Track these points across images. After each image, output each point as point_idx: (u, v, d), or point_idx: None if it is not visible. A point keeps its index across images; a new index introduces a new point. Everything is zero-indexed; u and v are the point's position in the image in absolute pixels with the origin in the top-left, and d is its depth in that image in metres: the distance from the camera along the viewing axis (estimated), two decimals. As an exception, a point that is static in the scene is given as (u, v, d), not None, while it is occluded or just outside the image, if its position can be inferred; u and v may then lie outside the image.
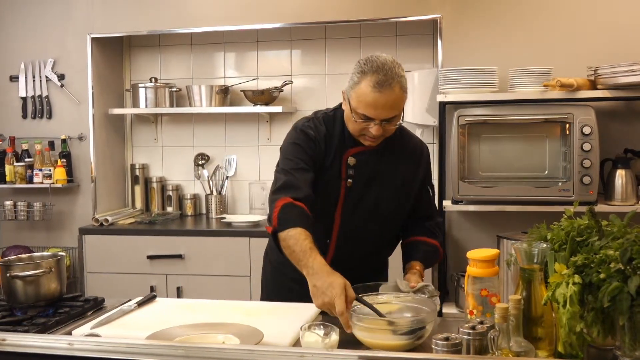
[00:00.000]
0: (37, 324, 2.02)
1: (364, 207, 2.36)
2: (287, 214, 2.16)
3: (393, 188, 2.38)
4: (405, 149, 2.42)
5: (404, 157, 2.41)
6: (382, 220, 2.40)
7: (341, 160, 2.34)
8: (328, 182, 2.33)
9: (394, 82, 2.17)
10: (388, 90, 2.16)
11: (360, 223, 2.37)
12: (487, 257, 1.85)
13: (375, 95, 2.16)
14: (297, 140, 2.34)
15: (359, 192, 2.35)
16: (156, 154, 4.80)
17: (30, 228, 4.66)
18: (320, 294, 1.97)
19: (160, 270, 4.07)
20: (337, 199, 2.35)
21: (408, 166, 2.41)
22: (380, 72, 2.17)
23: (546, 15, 3.80)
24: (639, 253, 1.51)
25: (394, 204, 2.40)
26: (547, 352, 1.65)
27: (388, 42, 4.38)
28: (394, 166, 2.38)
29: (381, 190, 2.37)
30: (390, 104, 2.18)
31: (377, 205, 2.37)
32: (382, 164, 2.37)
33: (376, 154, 2.35)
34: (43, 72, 4.53)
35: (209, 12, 4.22)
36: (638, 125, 3.78)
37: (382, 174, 2.37)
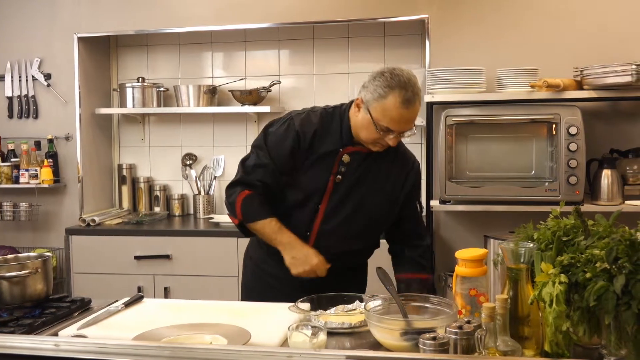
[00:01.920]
0: (23, 325, 2.01)
1: (348, 205, 2.42)
2: (249, 207, 2.42)
3: (380, 193, 2.44)
4: (398, 159, 2.49)
5: (396, 165, 2.48)
6: (363, 221, 2.44)
7: (335, 156, 2.40)
8: (317, 174, 2.40)
9: (417, 98, 2.31)
10: (413, 106, 2.30)
11: (341, 221, 2.42)
12: (475, 257, 1.86)
13: (402, 111, 2.27)
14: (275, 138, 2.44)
15: (346, 190, 2.41)
16: (143, 154, 4.78)
17: (17, 228, 4.63)
18: (300, 263, 2.35)
19: (147, 271, 4.06)
20: (324, 193, 2.41)
21: (398, 175, 2.48)
22: (407, 88, 2.29)
23: (533, 16, 3.82)
24: (624, 252, 1.52)
25: (378, 209, 2.46)
26: (534, 351, 1.66)
27: (376, 42, 4.39)
28: (385, 172, 2.45)
29: (367, 193, 2.42)
30: (413, 118, 2.34)
31: (361, 206, 2.43)
32: (373, 168, 2.43)
33: (370, 157, 2.42)
34: (29, 71, 4.50)
35: (197, 11, 4.21)
36: (624, 126, 3.81)
37: (371, 177, 2.43)
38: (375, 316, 1.86)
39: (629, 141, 3.74)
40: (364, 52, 4.41)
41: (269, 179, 2.43)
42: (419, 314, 1.95)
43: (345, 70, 4.45)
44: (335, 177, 2.40)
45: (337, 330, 1.96)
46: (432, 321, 1.81)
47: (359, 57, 4.43)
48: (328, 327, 1.92)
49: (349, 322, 1.98)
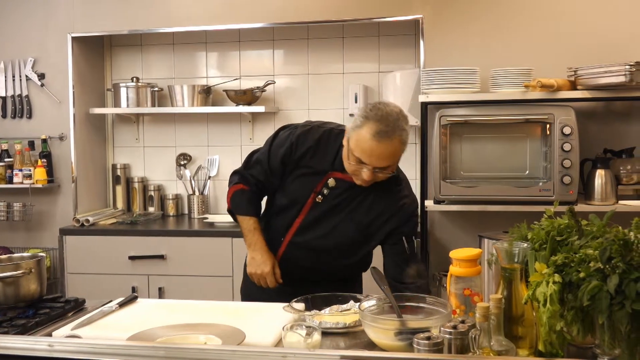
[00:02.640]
0: (17, 326, 2.01)
1: (321, 226, 2.45)
2: (238, 200, 2.56)
3: (356, 224, 2.42)
4: (389, 197, 2.42)
5: (381, 203, 2.42)
6: (331, 246, 2.45)
7: (323, 177, 2.42)
8: (301, 188, 2.44)
9: (395, 135, 2.20)
10: (387, 141, 2.20)
11: (311, 239, 2.46)
12: (469, 257, 1.86)
13: (372, 144, 2.20)
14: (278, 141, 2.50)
15: (323, 212, 2.43)
16: (138, 154, 4.77)
17: (10, 228, 4.62)
18: (255, 265, 2.48)
19: (141, 271, 4.05)
20: (303, 207, 2.45)
21: (381, 213, 2.42)
22: (383, 122, 2.20)
23: (527, 17, 3.83)
24: (618, 252, 1.52)
25: (349, 240, 2.45)
26: (528, 351, 1.67)
27: (370, 42, 4.39)
28: (367, 206, 2.42)
29: (342, 221, 2.43)
30: (386, 154, 2.23)
31: (332, 231, 2.44)
32: (356, 199, 2.41)
33: (355, 188, 2.39)
34: (23, 71, 4.49)
35: (191, 11, 4.21)
36: (617, 126, 3.82)
37: (351, 207, 2.42)
38: (370, 316, 1.86)
39: (622, 141, 3.75)
40: (359, 52, 4.42)
41: (263, 177, 2.52)
42: (413, 314, 1.95)
43: (339, 70, 4.45)
44: (316, 196, 2.42)
45: (332, 330, 1.97)
46: (427, 321, 1.81)
47: (354, 57, 4.43)
48: (322, 327, 1.92)
49: (344, 322, 1.98)
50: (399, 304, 1.95)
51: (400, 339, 1.76)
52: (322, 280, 2.43)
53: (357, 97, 4.34)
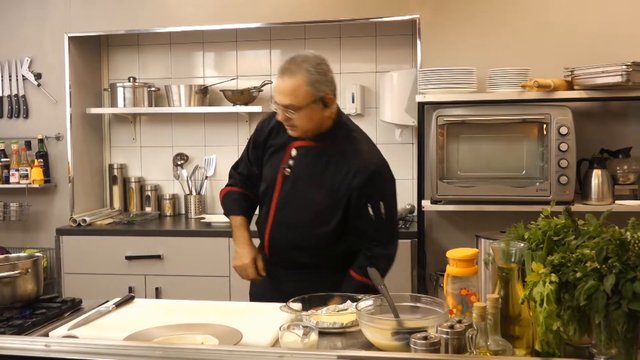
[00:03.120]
0: (14, 326, 2.01)
1: (296, 198, 2.52)
2: (226, 202, 2.73)
3: (324, 190, 2.48)
4: (347, 156, 2.47)
5: (345, 164, 2.46)
6: (308, 215, 2.50)
7: (286, 150, 2.54)
8: (271, 167, 2.58)
9: (297, 73, 2.35)
10: (288, 76, 2.36)
11: (289, 213, 2.53)
12: (466, 257, 1.87)
13: (278, 81, 2.40)
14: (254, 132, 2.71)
15: (293, 183, 2.52)
16: (135, 154, 4.77)
17: (7, 229, 4.61)
18: (237, 258, 2.62)
19: (138, 271, 4.05)
20: (275, 185, 2.55)
21: (345, 174, 2.45)
22: (289, 61, 2.39)
23: (524, 17, 3.83)
24: (614, 252, 1.53)
25: (323, 205, 2.49)
26: (525, 351, 1.67)
27: (367, 42, 4.40)
28: (331, 169, 2.47)
29: (312, 187, 2.49)
30: (287, 91, 2.36)
31: (306, 200, 2.50)
32: (320, 163, 2.49)
33: (318, 153, 2.49)
34: (19, 71, 4.48)
35: (188, 11, 4.20)
36: (614, 126, 3.82)
37: (317, 173, 2.49)
38: (367, 316, 1.86)
39: (619, 141, 3.76)
40: (356, 52, 4.42)
41: (246, 171, 2.71)
42: (410, 314, 1.95)
43: (336, 70, 4.42)
44: (284, 171, 2.52)
45: (329, 330, 1.97)
46: (424, 321, 1.81)
47: (351, 57, 4.43)
48: (319, 327, 1.92)
49: (341, 322, 1.99)
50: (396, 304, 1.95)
51: (397, 339, 1.76)
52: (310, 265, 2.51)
53: (354, 97, 4.34)
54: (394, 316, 1.90)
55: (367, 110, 4.42)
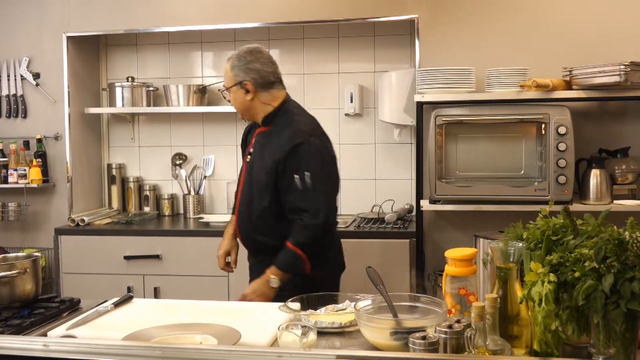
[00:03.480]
0: (12, 326, 2.00)
1: (250, 181, 2.79)
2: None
3: (260, 167, 2.74)
4: (281, 135, 2.73)
5: (277, 141, 2.72)
6: (252, 194, 2.77)
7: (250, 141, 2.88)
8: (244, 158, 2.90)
9: (228, 60, 2.81)
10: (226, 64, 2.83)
11: (244, 196, 2.82)
12: (465, 256, 1.87)
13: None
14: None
15: (249, 168, 2.81)
16: (133, 154, 4.77)
17: (5, 228, 4.61)
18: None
19: (137, 271, 4.05)
20: (241, 175, 2.88)
21: (277, 148, 2.69)
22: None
23: (523, 16, 3.83)
24: (612, 252, 1.53)
25: (261, 182, 2.73)
26: (523, 350, 1.67)
27: (366, 42, 4.40)
28: (271, 148, 2.73)
29: (257, 166, 2.76)
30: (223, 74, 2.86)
31: (252, 178, 2.78)
32: (267, 145, 2.76)
33: (266, 135, 2.79)
34: (18, 70, 4.48)
35: (187, 11, 4.20)
36: (612, 126, 3.82)
37: (263, 153, 2.76)
38: (365, 316, 1.86)
39: (617, 141, 3.76)
40: (354, 51, 4.42)
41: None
42: (408, 314, 1.95)
43: (335, 70, 4.45)
44: (246, 158, 2.85)
45: (327, 330, 1.97)
46: (422, 320, 1.81)
47: (349, 56, 4.43)
48: (318, 327, 1.92)
49: (339, 322, 1.99)
50: (394, 304, 1.95)
51: (395, 339, 1.76)
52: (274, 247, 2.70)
53: (352, 97, 4.34)
54: (393, 316, 1.90)
55: (365, 110, 4.42)
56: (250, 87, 2.76)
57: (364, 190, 4.43)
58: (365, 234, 3.85)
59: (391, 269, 3.70)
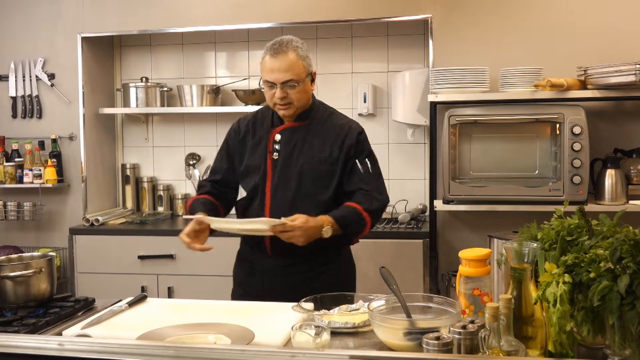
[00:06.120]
0: (27, 325, 2.02)
1: (290, 177, 2.60)
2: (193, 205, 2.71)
3: (317, 159, 2.60)
4: (332, 126, 2.65)
5: (330, 133, 2.63)
6: (308, 189, 2.59)
7: (268, 138, 2.65)
8: (256, 159, 2.65)
9: (289, 49, 2.54)
10: (282, 55, 2.53)
11: (287, 192, 2.60)
12: (479, 257, 1.86)
13: (271, 61, 2.55)
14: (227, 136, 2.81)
15: (285, 163, 2.61)
16: (147, 154, 4.78)
17: (20, 228, 4.64)
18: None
19: (151, 271, 4.06)
20: (266, 173, 2.62)
21: (334, 140, 2.61)
22: (276, 43, 2.57)
23: (537, 16, 3.81)
24: (628, 252, 1.52)
25: (318, 174, 2.60)
26: (538, 351, 1.66)
27: (379, 42, 4.39)
28: (319, 140, 2.62)
29: (305, 162, 2.60)
30: (285, 67, 2.53)
31: (301, 175, 2.59)
32: (307, 139, 2.63)
33: (301, 129, 2.64)
34: (33, 71, 4.51)
35: (200, 11, 4.21)
36: (627, 125, 3.80)
37: (306, 147, 2.62)
38: (379, 316, 1.86)
39: (633, 141, 3.74)
40: (367, 51, 4.41)
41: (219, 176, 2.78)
42: (422, 314, 1.95)
43: (348, 70, 4.45)
44: (272, 156, 2.63)
45: (341, 330, 1.96)
46: (436, 321, 1.81)
47: (362, 56, 4.43)
48: (331, 327, 1.92)
49: (353, 322, 1.98)
50: (408, 304, 1.95)
51: (409, 339, 1.76)
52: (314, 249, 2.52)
53: (366, 97, 4.34)
54: (406, 316, 1.90)
55: (379, 110, 4.42)
56: (315, 74, 2.69)
57: (377, 191, 4.42)
58: (379, 234, 3.85)
59: (405, 269, 3.69)
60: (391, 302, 1.98)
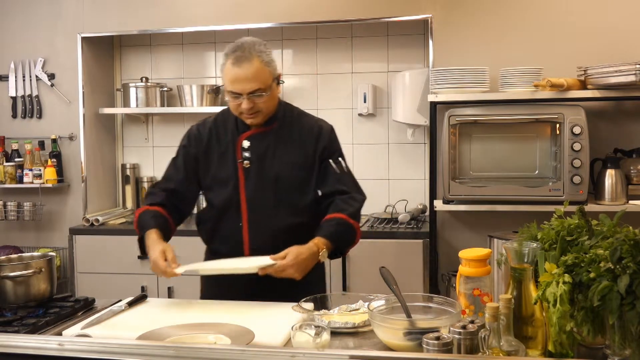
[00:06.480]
0: (27, 325, 2.02)
1: (266, 186, 2.47)
2: (142, 219, 2.54)
3: (291, 165, 2.49)
4: (302, 128, 2.55)
5: (301, 134, 2.53)
6: (286, 195, 2.48)
7: (236, 145, 2.50)
8: (225, 169, 2.50)
9: (252, 56, 2.37)
10: (246, 63, 2.36)
11: (265, 200, 2.47)
12: (479, 257, 1.86)
13: (236, 71, 2.36)
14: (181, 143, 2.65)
15: (258, 171, 2.48)
16: (147, 154, 4.78)
17: (20, 228, 4.64)
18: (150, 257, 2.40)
19: (151, 271, 4.05)
20: (238, 182, 2.48)
21: (307, 144, 2.52)
22: (238, 50, 2.39)
23: (537, 16, 3.81)
24: (628, 252, 1.52)
25: (295, 178, 2.49)
26: (538, 352, 1.66)
27: (379, 42, 4.39)
28: (291, 144, 2.51)
29: (279, 168, 2.48)
30: (250, 76, 2.36)
31: (277, 179, 2.47)
32: (278, 143, 2.51)
33: (270, 134, 2.51)
34: (33, 71, 4.51)
35: (200, 11, 4.22)
36: (627, 125, 3.80)
37: (278, 153, 2.50)
38: (379, 316, 1.86)
39: (633, 141, 3.74)
40: (367, 51, 4.42)
41: (172, 185, 2.59)
42: (422, 314, 1.95)
43: (348, 70, 4.45)
44: (242, 164, 2.48)
45: (341, 330, 1.96)
46: (436, 321, 1.81)
47: (362, 56, 4.43)
48: (331, 327, 1.92)
49: (353, 322, 1.98)
50: (407, 304, 1.95)
51: (409, 339, 1.76)
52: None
53: (366, 97, 4.34)
54: (406, 316, 1.90)
55: (378, 110, 4.42)
56: (280, 76, 2.52)
57: (377, 191, 4.42)
58: (379, 234, 3.85)
59: (405, 269, 3.69)
60: (391, 302, 1.98)
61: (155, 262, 2.35)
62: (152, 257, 2.37)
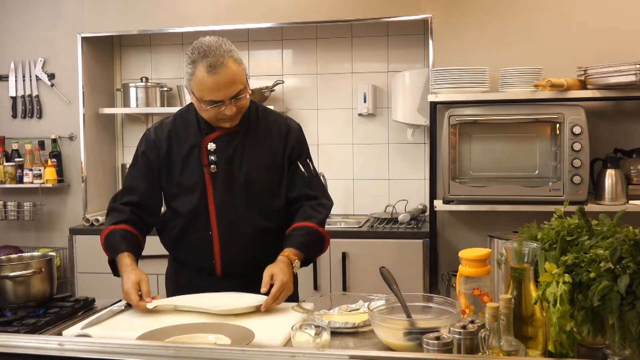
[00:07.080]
0: (27, 325, 2.02)
1: (235, 191, 2.36)
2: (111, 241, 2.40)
3: (261, 165, 2.38)
4: (269, 127, 2.43)
5: (269, 134, 2.42)
6: (256, 197, 2.37)
7: (201, 149, 2.36)
8: (191, 174, 2.36)
9: (225, 59, 2.21)
10: (222, 68, 2.20)
11: (235, 205, 2.36)
12: (479, 257, 1.86)
13: (214, 79, 2.20)
14: (138, 149, 2.49)
15: (227, 175, 2.35)
16: (147, 154, 4.78)
17: (20, 228, 4.64)
18: (123, 285, 2.26)
19: (151, 271, 3.98)
20: (205, 189, 2.35)
21: (276, 144, 2.41)
22: (209, 55, 2.21)
23: (537, 16, 3.81)
24: (628, 252, 1.51)
25: (265, 180, 2.38)
26: (538, 352, 1.66)
27: (379, 42, 4.39)
28: (260, 145, 2.39)
29: (248, 171, 2.36)
30: (231, 81, 2.22)
31: (248, 183, 2.36)
32: (245, 144, 2.38)
33: (237, 135, 2.37)
34: (33, 71, 4.51)
35: (200, 11, 4.22)
36: (627, 125, 3.80)
37: (247, 154, 2.37)
38: (379, 316, 1.86)
39: (633, 141, 3.74)
40: (367, 51, 4.42)
41: (136, 198, 2.44)
42: (422, 314, 1.95)
43: (348, 70, 4.45)
44: (209, 169, 2.35)
45: (341, 330, 1.96)
46: (436, 321, 1.81)
47: (362, 56, 4.43)
48: (331, 327, 1.92)
49: (353, 322, 1.98)
50: (407, 304, 1.95)
51: (409, 339, 1.76)
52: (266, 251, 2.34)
53: (365, 97, 4.34)
54: (406, 316, 1.90)
55: (379, 110, 4.42)
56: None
57: (377, 191, 4.43)
58: (379, 234, 3.85)
59: (405, 269, 3.69)
60: (391, 302, 1.98)
61: (127, 294, 2.22)
62: (125, 288, 2.25)
